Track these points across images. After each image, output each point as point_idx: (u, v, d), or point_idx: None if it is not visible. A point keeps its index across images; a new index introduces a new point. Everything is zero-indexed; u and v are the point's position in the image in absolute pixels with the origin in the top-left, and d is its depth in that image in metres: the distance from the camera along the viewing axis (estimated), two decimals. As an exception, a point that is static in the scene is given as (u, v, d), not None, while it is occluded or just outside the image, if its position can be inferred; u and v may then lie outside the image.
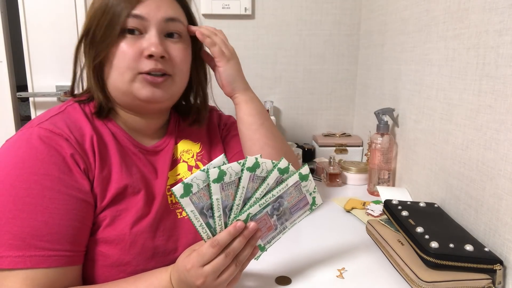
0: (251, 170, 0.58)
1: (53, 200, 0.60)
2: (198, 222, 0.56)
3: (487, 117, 0.76)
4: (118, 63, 0.67)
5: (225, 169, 0.56)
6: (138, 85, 0.68)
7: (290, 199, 0.63)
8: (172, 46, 0.71)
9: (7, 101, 1.58)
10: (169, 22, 0.70)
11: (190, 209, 0.55)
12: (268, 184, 0.60)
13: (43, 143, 0.61)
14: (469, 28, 0.82)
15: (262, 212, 0.60)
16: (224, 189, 0.56)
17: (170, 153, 0.77)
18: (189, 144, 0.82)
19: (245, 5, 1.52)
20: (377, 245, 0.83)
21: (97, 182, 0.65)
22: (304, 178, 0.63)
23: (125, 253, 0.65)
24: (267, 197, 0.60)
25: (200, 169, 0.55)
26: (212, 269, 0.55)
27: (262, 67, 1.60)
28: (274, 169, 0.60)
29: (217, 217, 0.57)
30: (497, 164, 0.72)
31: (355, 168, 1.28)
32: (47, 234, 0.58)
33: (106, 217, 0.65)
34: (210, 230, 0.57)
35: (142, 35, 0.68)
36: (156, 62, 0.68)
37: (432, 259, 0.67)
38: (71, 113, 0.69)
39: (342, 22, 1.57)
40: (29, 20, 1.52)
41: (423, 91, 1.03)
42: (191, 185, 0.54)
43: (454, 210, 0.87)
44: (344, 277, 0.73)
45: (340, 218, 1.01)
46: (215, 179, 0.55)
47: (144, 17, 0.67)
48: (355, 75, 1.62)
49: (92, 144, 0.66)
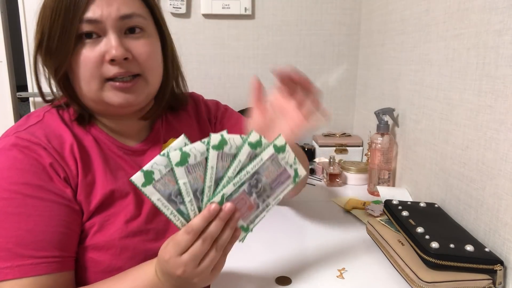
0: (218, 148, 0.53)
1: (36, 208, 0.59)
2: (168, 210, 0.53)
3: (487, 117, 0.76)
4: (81, 72, 0.63)
5: (188, 150, 0.52)
6: (108, 93, 0.64)
7: (268, 174, 0.58)
8: (135, 44, 0.65)
9: (7, 101, 1.58)
10: (126, 19, 0.64)
11: (156, 197, 0.52)
12: (240, 160, 0.55)
13: (21, 152, 0.60)
14: (469, 28, 0.82)
15: (239, 191, 0.55)
16: (190, 172, 0.53)
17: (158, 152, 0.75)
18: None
19: (245, 5, 1.52)
20: (377, 245, 0.83)
21: (80, 189, 0.64)
22: (280, 149, 0.58)
23: (116, 258, 0.64)
24: (241, 174, 0.55)
25: (159, 154, 0.52)
26: (190, 257, 0.52)
27: (262, 67, 1.60)
28: (245, 144, 0.55)
29: (188, 202, 0.53)
30: (497, 164, 0.72)
31: (355, 168, 1.28)
32: (33, 242, 0.57)
33: (95, 224, 0.64)
34: (184, 217, 0.54)
35: (100, 38, 0.63)
36: (120, 66, 0.63)
37: (433, 259, 0.67)
38: (49, 121, 0.67)
39: (342, 22, 1.57)
40: (29, 20, 1.52)
41: (423, 91, 1.03)
42: (152, 171, 0.51)
43: (454, 210, 0.87)
44: (344, 277, 0.73)
45: (340, 218, 1.01)
46: (177, 162, 0.51)
47: (98, 20, 0.61)
48: (355, 75, 1.62)
49: (73, 151, 0.64)
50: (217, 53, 1.58)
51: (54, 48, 0.62)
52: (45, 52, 0.64)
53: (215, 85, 1.60)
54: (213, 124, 0.88)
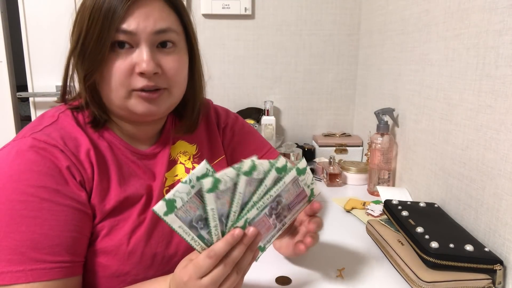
0: (248, 174, 0.54)
1: (52, 212, 0.58)
2: (189, 236, 0.53)
3: (487, 117, 0.76)
4: (111, 80, 0.64)
5: (220, 177, 0.52)
6: (134, 101, 0.66)
7: (288, 195, 0.60)
8: (165, 59, 0.66)
9: (7, 101, 1.58)
10: (160, 34, 0.65)
11: (177, 225, 0.52)
12: (266, 186, 0.57)
13: (38, 154, 0.60)
14: (469, 28, 0.82)
15: (260, 214, 0.57)
16: (219, 198, 0.53)
17: (167, 155, 0.76)
18: (185, 146, 0.81)
19: (245, 5, 1.52)
20: (377, 245, 0.83)
21: (95, 193, 0.64)
22: (301, 172, 0.61)
23: (124, 263, 0.64)
24: (265, 198, 0.57)
25: (181, 181, 0.52)
26: (211, 281, 0.53)
27: (262, 67, 1.60)
28: (272, 169, 0.57)
29: (213, 227, 0.54)
30: (497, 164, 0.72)
31: (355, 168, 1.28)
32: (47, 246, 0.57)
33: (104, 227, 0.64)
34: (204, 242, 0.54)
35: (133, 49, 0.64)
36: (149, 79, 0.64)
37: (432, 259, 0.67)
38: (64, 123, 0.67)
39: (342, 22, 1.57)
40: (29, 20, 1.52)
41: (423, 91, 1.03)
42: (174, 200, 0.51)
43: (454, 210, 0.87)
44: (344, 277, 0.73)
45: (340, 218, 1.01)
46: (209, 188, 0.52)
47: (133, 32, 0.62)
48: (355, 75, 1.62)
49: (89, 156, 0.65)
50: (217, 53, 1.58)
51: (88, 53, 0.63)
52: (78, 54, 0.65)
53: (215, 85, 1.60)
54: (222, 129, 0.89)
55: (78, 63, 0.66)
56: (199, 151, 0.82)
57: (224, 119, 0.91)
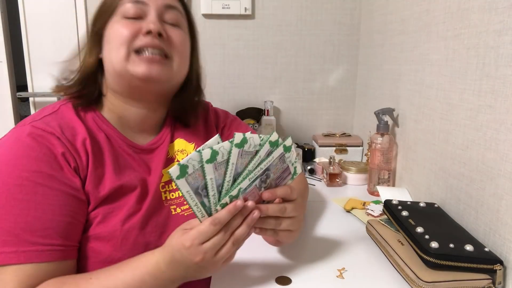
0: (239, 146, 0.58)
1: (46, 196, 0.60)
2: (193, 202, 0.56)
3: (487, 117, 0.76)
4: (114, 40, 0.68)
5: (217, 149, 0.56)
6: (134, 62, 0.68)
7: (275, 170, 0.64)
8: (171, 30, 0.71)
9: (7, 101, 1.58)
10: (169, 9, 0.71)
11: (186, 189, 0.55)
12: (260, 156, 0.60)
13: (35, 141, 0.62)
14: (469, 28, 0.82)
15: (252, 185, 0.60)
16: (217, 169, 0.57)
17: (165, 151, 0.77)
18: (184, 144, 0.82)
19: (245, 5, 1.52)
20: (377, 245, 0.83)
21: (89, 180, 0.66)
22: (287, 149, 0.64)
23: (117, 249, 0.66)
24: (256, 170, 0.60)
25: (196, 150, 0.55)
26: (211, 246, 0.56)
27: (262, 67, 1.60)
28: (266, 142, 0.61)
29: (212, 196, 0.57)
30: (497, 164, 0.72)
31: (355, 168, 1.28)
32: (40, 229, 0.59)
33: (98, 214, 0.66)
34: (205, 209, 0.58)
35: (141, 19, 0.69)
36: (153, 38, 0.68)
37: (432, 259, 0.67)
38: (64, 113, 0.70)
39: (342, 22, 1.57)
40: (29, 20, 1.52)
41: (423, 91, 1.03)
42: (187, 166, 0.54)
43: (454, 210, 0.87)
44: (344, 277, 0.73)
45: (340, 218, 1.01)
46: (208, 159, 0.55)
47: (144, 2, 0.68)
48: (355, 75, 1.62)
49: (85, 144, 0.67)
50: (217, 53, 1.58)
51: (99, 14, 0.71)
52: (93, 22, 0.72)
53: (215, 85, 1.60)
54: (221, 129, 0.91)
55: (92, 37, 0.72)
56: None
57: (223, 120, 0.93)
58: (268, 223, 0.64)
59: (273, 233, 0.67)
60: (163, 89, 0.74)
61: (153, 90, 0.73)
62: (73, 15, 1.53)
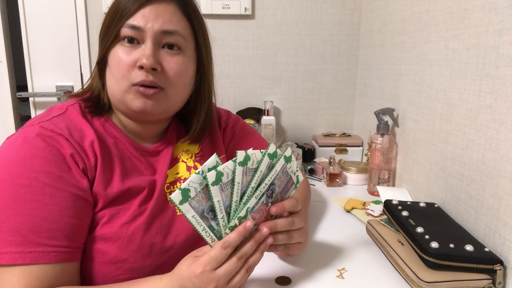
0: (243, 164, 0.57)
1: (53, 197, 0.60)
2: (201, 227, 0.55)
3: (487, 117, 0.76)
4: (115, 71, 0.68)
5: (222, 170, 0.55)
6: (132, 96, 0.68)
7: (280, 183, 0.63)
8: (168, 59, 0.69)
9: (7, 101, 1.58)
10: (166, 35, 0.68)
11: (191, 214, 0.54)
12: (261, 172, 0.59)
13: (44, 141, 0.62)
14: (469, 28, 0.82)
15: (259, 203, 0.59)
16: (223, 190, 0.56)
17: (170, 153, 0.78)
18: (188, 145, 0.82)
19: (245, 5, 1.52)
20: (377, 245, 0.83)
21: (98, 181, 0.66)
22: (288, 160, 0.64)
23: (122, 250, 0.65)
24: (261, 187, 0.59)
25: (195, 172, 0.55)
26: (224, 272, 0.55)
27: (262, 67, 1.60)
28: (265, 156, 0.60)
29: (221, 219, 0.56)
30: (497, 164, 0.72)
31: (355, 168, 1.28)
32: (46, 230, 0.59)
33: (105, 215, 0.66)
34: (214, 233, 0.56)
35: (139, 45, 0.67)
36: (147, 74, 0.66)
37: (432, 259, 0.67)
38: (72, 115, 0.70)
39: (342, 22, 1.57)
40: (29, 20, 1.52)
41: (423, 91, 1.03)
42: (189, 189, 0.54)
43: (454, 210, 0.87)
44: (344, 277, 0.73)
45: (340, 218, 1.01)
46: (213, 181, 0.54)
47: (140, 28, 0.66)
48: (355, 75, 1.62)
49: (93, 146, 0.67)
50: (217, 53, 1.58)
51: (100, 40, 0.71)
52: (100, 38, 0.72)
53: (215, 85, 1.60)
54: (223, 129, 0.91)
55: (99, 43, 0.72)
56: (201, 151, 0.83)
57: (225, 120, 0.93)
58: (279, 239, 0.64)
59: (285, 248, 0.67)
60: (162, 116, 0.75)
61: (150, 118, 0.74)
62: (73, 15, 1.53)
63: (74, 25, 1.54)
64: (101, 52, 0.69)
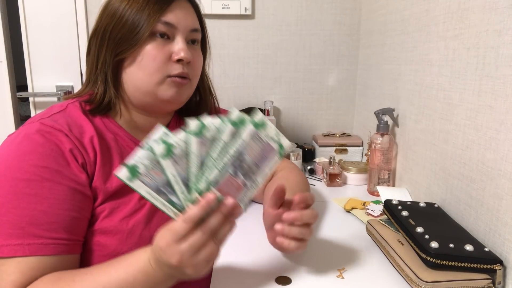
0: (198, 134, 0.53)
1: (52, 191, 0.62)
2: (158, 202, 0.53)
3: (487, 117, 0.76)
4: (146, 64, 0.70)
5: (172, 142, 0.52)
6: (166, 87, 0.72)
7: (251, 152, 0.57)
8: (194, 53, 0.76)
9: (7, 101, 1.58)
10: (194, 32, 0.76)
11: (144, 190, 0.52)
12: (224, 141, 0.55)
13: (43, 137, 0.64)
14: (469, 28, 0.82)
15: (224, 175, 0.55)
16: (178, 162, 0.53)
17: None
18: None
19: (245, 5, 1.52)
20: (377, 245, 0.83)
21: (97, 176, 0.67)
22: (259, 125, 0.57)
23: (123, 244, 0.66)
24: (224, 158, 0.55)
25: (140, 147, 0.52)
26: (188, 246, 0.53)
27: (262, 67, 1.60)
28: (226, 123, 0.55)
29: (180, 193, 0.53)
30: (497, 164, 0.72)
31: (355, 168, 1.28)
32: (45, 223, 0.60)
33: (105, 209, 0.67)
34: (176, 207, 0.54)
35: (169, 40, 0.72)
36: (183, 67, 0.73)
37: (432, 259, 0.67)
38: (72, 112, 0.71)
39: (342, 22, 1.57)
40: (29, 20, 1.52)
41: (423, 91, 1.03)
42: (136, 165, 0.51)
43: (454, 210, 0.87)
44: (344, 277, 0.73)
45: (340, 218, 1.01)
46: (163, 154, 0.51)
47: (174, 25, 0.72)
48: (355, 75, 1.62)
49: (92, 142, 0.68)
50: (217, 53, 1.58)
51: (120, 36, 0.70)
52: (108, 37, 0.71)
53: (215, 85, 1.59)
54: None
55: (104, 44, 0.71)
56: None
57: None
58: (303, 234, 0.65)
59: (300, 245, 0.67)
60: (182, 104, 0.80)
61: (172, 107, 0.78)
62: (73, 15, 1.53)
63: (74, 25, 1.54)
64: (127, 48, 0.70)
